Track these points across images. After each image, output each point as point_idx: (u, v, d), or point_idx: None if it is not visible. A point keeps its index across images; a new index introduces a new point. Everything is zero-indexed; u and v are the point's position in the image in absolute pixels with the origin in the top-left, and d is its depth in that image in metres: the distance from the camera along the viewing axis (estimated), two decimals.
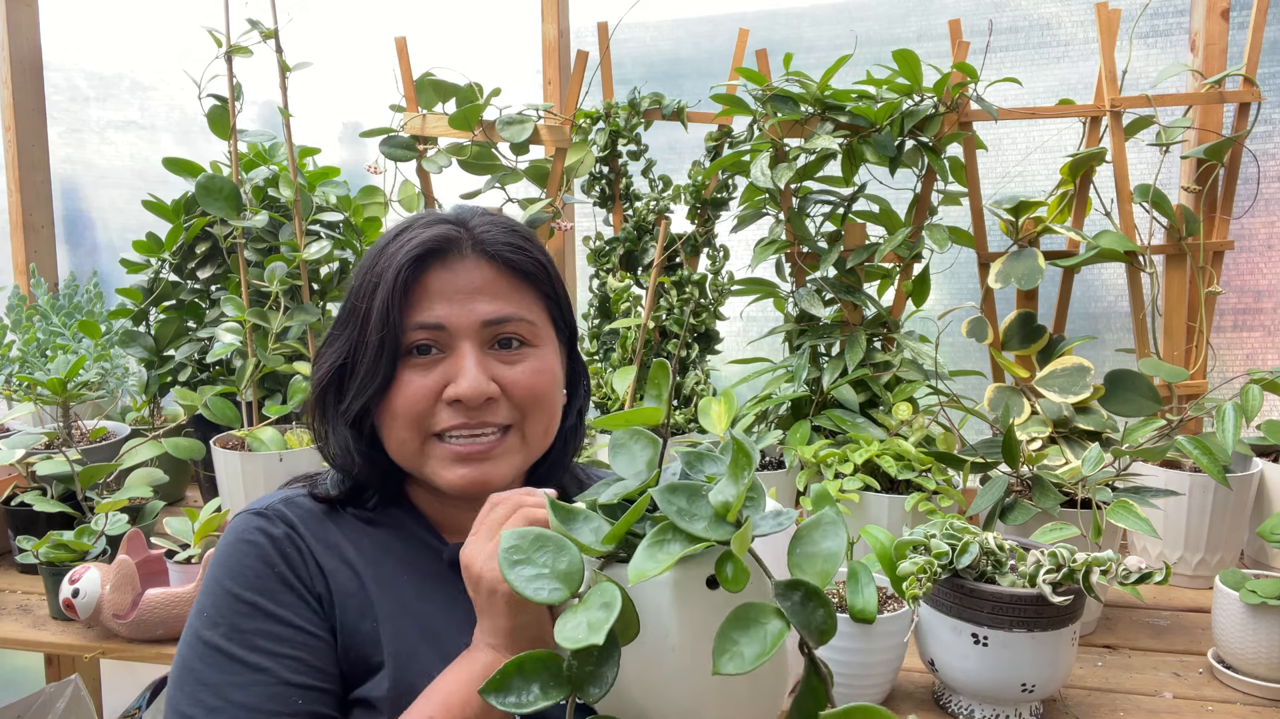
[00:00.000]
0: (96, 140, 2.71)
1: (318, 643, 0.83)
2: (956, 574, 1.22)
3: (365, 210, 2.15)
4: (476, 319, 0.87)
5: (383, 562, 0.89)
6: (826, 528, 0.63)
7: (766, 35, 2.15)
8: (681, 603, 0.63)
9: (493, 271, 0.89)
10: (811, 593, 0.60)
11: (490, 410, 0.87)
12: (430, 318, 0.86)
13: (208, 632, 0.82)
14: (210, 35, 1.84)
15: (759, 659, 0.57)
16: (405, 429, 0.87)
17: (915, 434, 1.65)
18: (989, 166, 2.10)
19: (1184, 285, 1.81)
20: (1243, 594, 1.30)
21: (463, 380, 0.85)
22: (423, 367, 0.87)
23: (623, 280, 1.99)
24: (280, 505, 0.90)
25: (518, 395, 0.88)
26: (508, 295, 0.89)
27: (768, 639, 0.58)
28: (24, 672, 2.50)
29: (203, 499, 2.12)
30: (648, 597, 0.63)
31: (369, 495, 0.93)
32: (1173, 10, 2.01)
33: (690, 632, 0.63)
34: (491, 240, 0.89)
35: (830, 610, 0.60)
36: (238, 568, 0.85)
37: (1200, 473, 1.58)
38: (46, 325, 2.08)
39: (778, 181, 1.77)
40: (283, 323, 1.86)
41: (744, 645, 0.58)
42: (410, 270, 0.86)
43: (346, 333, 0.89)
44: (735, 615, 0.59)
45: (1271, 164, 2.01)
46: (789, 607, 0.60)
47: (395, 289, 0.85)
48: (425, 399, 0.86)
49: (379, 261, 0.88)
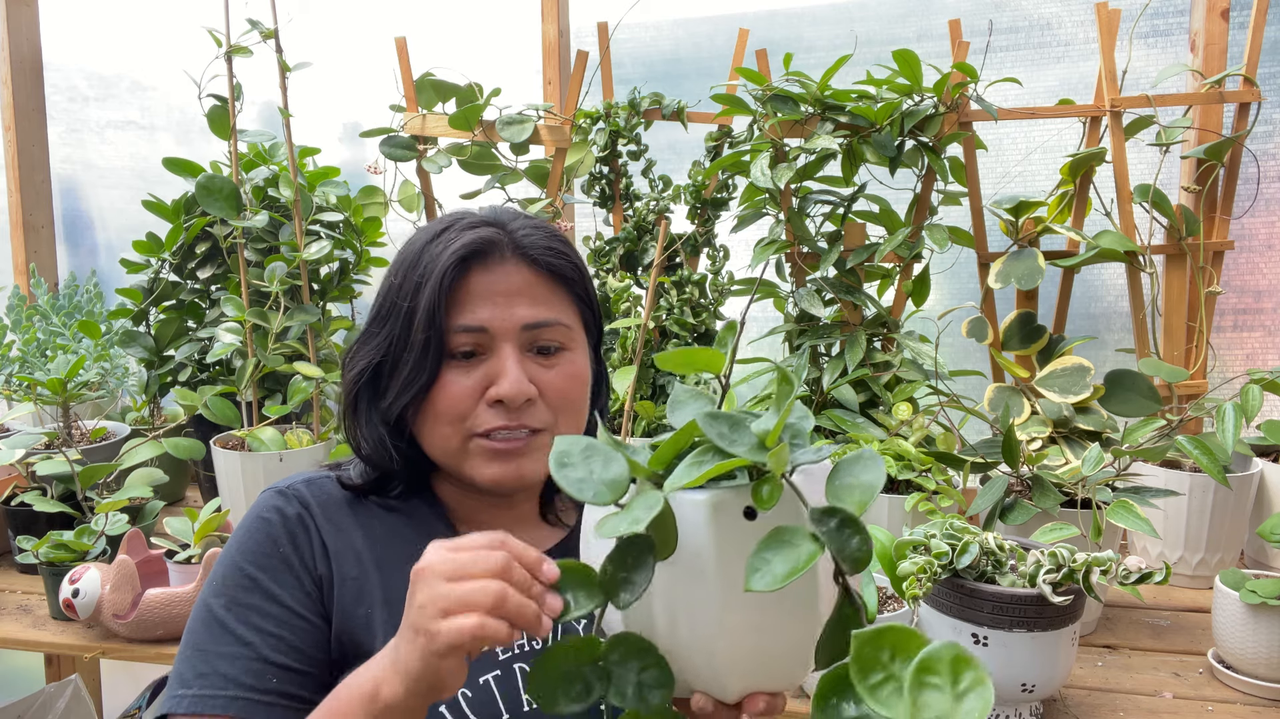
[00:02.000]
0: (96, 140, 2.71)
1: (306, 626, 0.86)
2: (956, 574, 1.22)
3: (365, 210, 2.15)
4: (517, 322, 0.89)
5: (393, 548, 0.91)
6: (866, 462, 0.63)
7: (766, 35, 2.15)
8: (718, 528, 0.63)
9: (532, 275, 0.90)
10: (848, 520, 0.60)
11: (529, 412, 0.89)
12: (473, 320, 0.88)
13: (212, 599, 0.86)
14: (210, 35, 1.84)
15: (789, 577, 0.57)
16: (448, 427, 0.89)
17: (915, 434, 1.65)
18: (989, 166, 2.10)
19: (1184, 285, 1.81)
20: (1243, 594, 1.30)
21: (505, 382, 0.87)
22: (464, 367, 0.88)
23: (623, 280, 1.99)
24: (301, 485, 0.93)
25: (553, 398, 0.90)
26: (546, 299, 0.91)
27: (800, 559, 0.58)
28: (24, 672, 2.51)
29: (203, 499, 2.12)
30: (687, 518, 0.64)
31: (394, 485, 0.95)
32: (1173, 10, 2.01)
33: (724, 558, 0.63)
34: (533, 244, 0.91)
35: (866, 538, 0.60)
36: (248, 542, 0.89)
37: (1200, 473, 1.58)
38: (46, 325, 2.08)
39: (778, 181, 1.77)
40: (283, 323, 1.86)
41: (775, 564, 0.58)
42: (455, 272, 0.87)
43: (386, 330, 0.90)
44: (770, 537, 0.60)
45: (1271, 164, 2.01)
46: (825, 532, 0.60)
47: (441, 290, 0.86)
48: (468, 399, 0.88)
49: (420, 261, 0.89)
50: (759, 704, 0.67)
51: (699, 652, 0.65)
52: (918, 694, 0.48)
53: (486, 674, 0.87)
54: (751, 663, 0.66)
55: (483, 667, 0.88)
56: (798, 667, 0.68)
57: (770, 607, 0.64)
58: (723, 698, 0.68)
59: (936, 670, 0.48)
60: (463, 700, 0.85)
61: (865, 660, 0.51)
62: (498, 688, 0.87)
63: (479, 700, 0.85)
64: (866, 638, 0.52)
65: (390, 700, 0.69)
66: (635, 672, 0.65)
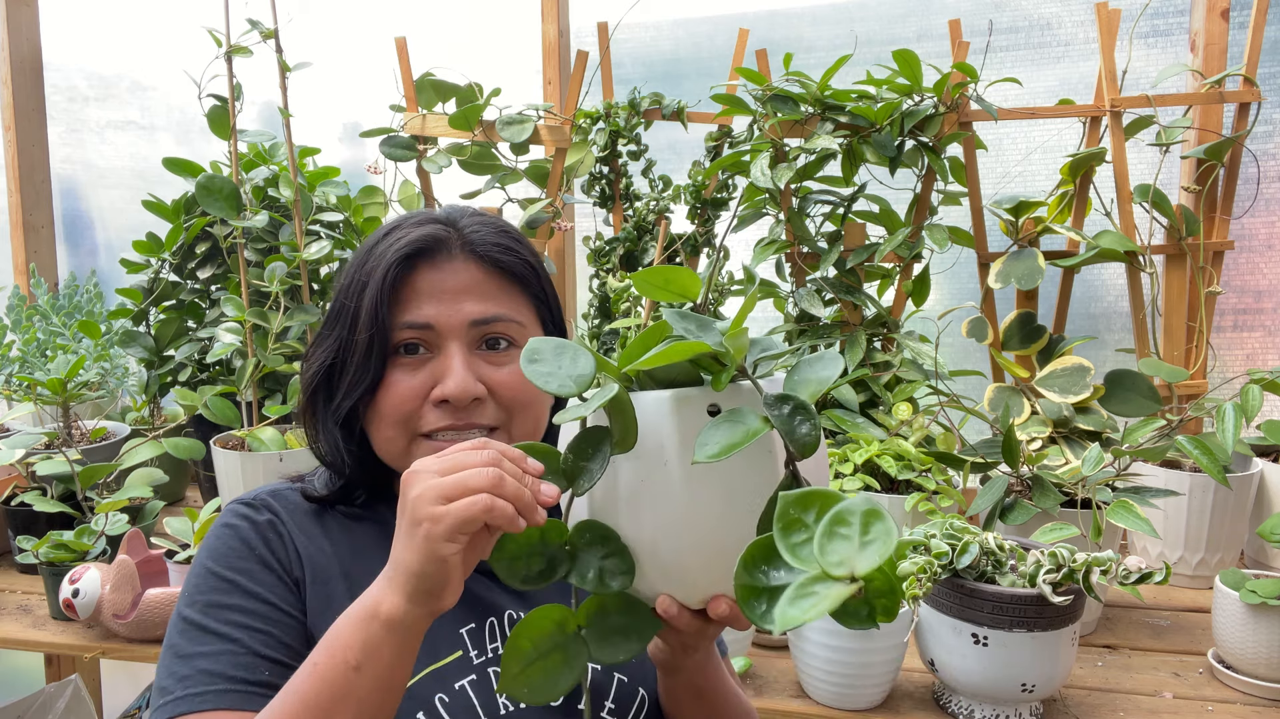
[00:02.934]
0: (96, 140, 2.71)
1: (291, 622, 0.84)
2: (956, 574, 1.22)
3: (365, 210, 2.15)
4: (464, 319, 0.87)
5: (362, 557, 0.89)
6: (827, 360, 0.65)
7: (766, 35, 2.15)
8: (680, 423, 0.64)
9: (481, 272, 0.89)
10: (800, 406, 0.62)
11: (477, 411, 0.87)
12: (419, 317, 0.86)
13: (187, 609, 0.84)
14: (210, 35, 1.84)
15: (731, 448, 0.58)
16: (392, 428, 0.87)
17: (915, 434, 1.65)
18: (989, 166, 2.10)
19: (1184, 285, 1.81)
20: (1243, 594, 1.30)
21: (450, 380, 0.85)
22: (410, 366, 0.87)
23: (623, 280, 1.99)
24: (267, 496, 0.92)
25: (504, 396, 0.88)
26: (496, 296, 0.89)
27: (746, 433, 0.59)
28: (24, 672, 2.50)
29: (203, 499, 2.12)
30: (649, 412, 0.65)
31: (357, 494, 0.94)
32: (1173, 10, 2.01)
33: (687, 453, 0.64)
34: (480, 241, 0.89)
35: (816, 425, 0.61)
36: (219, 549, 0.87)
37: (1200, 473, 1.58)
38: (46, 325, 2.08)
39: (778, 181, 1.77)
40: (283, 323, 1.86)
41: (719, 436, 0.60)
42: (399, 269, 0.86)
43: (335, 332, 0.89)
44: (722, 417, 0.61)
45: (1271, 164, 2.01)
46: (776, 415, 0.62)
47: (384, 288, 0.85)
48: (412, 399, 0.86)
49: (368, 261, 0.88)
50: (722, 605, 0.67)
51: (664, 551, 0.67)
52: (826, 543, 0.50)
53: (463, 679, 0.85)
54: (714, 564, 0.66)
55: (459, 672, 0.86)
56: None
57: (732, 505, 0.65)
58: (687, 602, 0.69)
59: (848, 522, 0.50)
60: (440, 705, 0.83)
61: (789, 521, 0.53)
62: (474, 693, 0.85)
63: (456, 705, 0.84)
64: (792, 499, 0.54)
65: (391, 614, 0.68)
66: (598, 557, 0.68)
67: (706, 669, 0.86)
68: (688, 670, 0.84)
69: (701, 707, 0.88)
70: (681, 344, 0.61)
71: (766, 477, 0.65)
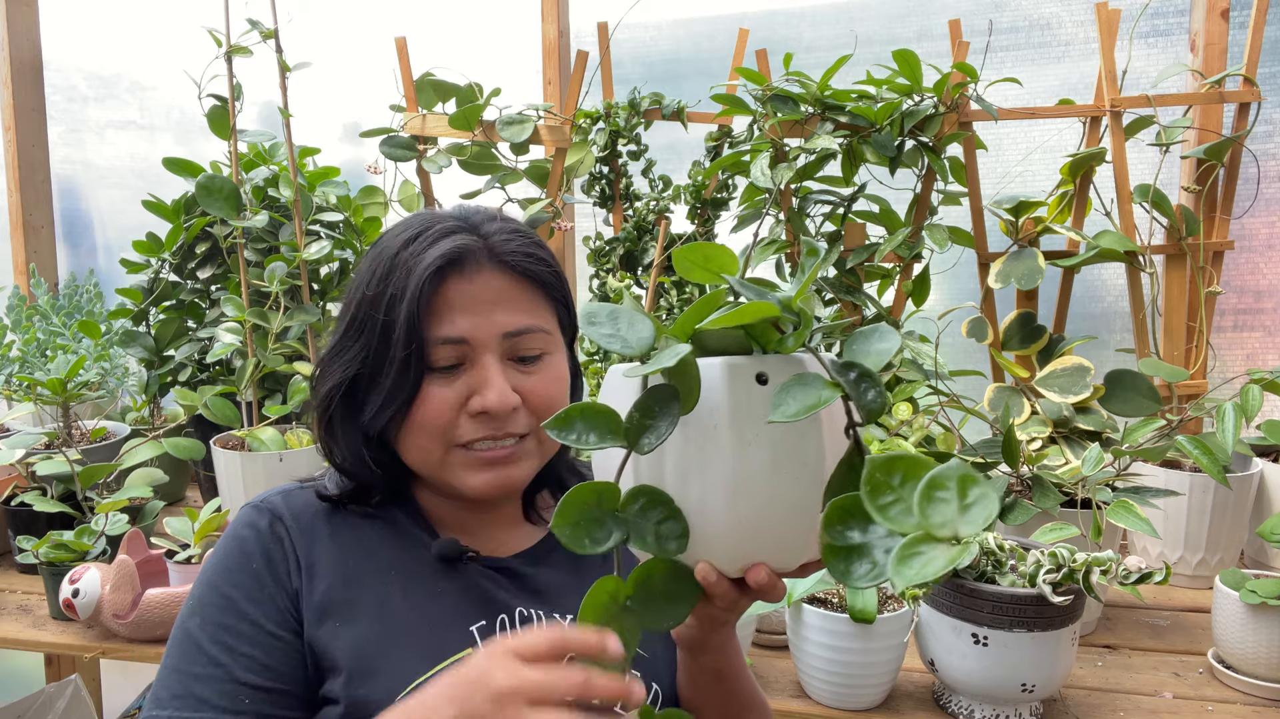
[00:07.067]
0: (96, 140, 2.71)
1: (279, 644, 0.85)
2: (956, 574, 1.22)
3: (365, 210, 2.15)
4: (498, 331, 0.87)
5: (372, 558, 0.90)
6: (883, 333, 0.66)
7: (766, 35, 2.15)
8: (732, 389, 0.65)
9: (510, 282, 0.89)
10: (866, 373, 0.63)
11: (512, 420, 0.88)
12: (453, 332, 0.86)
13: (188, 619, 0.86)
14: (210, 35, 1.84)
15: (808, 409, 0.59)
16: (429, 439, 0.87)
17: (915, 434, 1.65)
18: (989, 166, 2.10)
19: (1184, 285, 1.81)
20: (1243, 594, 1.30)
21: (489, 393, 0.85)
22: (445, 379, 0.87)
23: (623, 280, 1.99)
24: (277, 498, 0.92)
25: (536, 404, 0.89)
26: (526, 306, 0.90)
27: (820, 397, 0.60)
28: (24, 672, 2.51)
29: (203, 499, 2.12)
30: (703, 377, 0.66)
31: (374, 496, 0.94)
32: (1173, 10, 2.01)
33: (737, 419, 0.65)
34: (509, 252, 0.89)
35: (882, 391, 0.63)
36: (224, 561, 0.89)
37: (1200, 473, 1.58)
38: (46, 325, 2.08)
39: (778, 181, 1.77)
40: (283, 323, 1.86)
41: (793, 399, 0.60)
42: (432, 283, 0.85)
43: (361, 343, 0.88)
44: (792, 380, 0.62)
45: (1271, 164, 2.01)
46: (845, 381, 0.63)
47: (419, 303, 0.85)
48: (449, 411, 0.86)
49: (392, 271, 0.87)
50: (761, 573, 0.68)
51: (708, 516, 0.67)
52: (926, 506, 0.51)
53: None
54: (757, 531, 0.67)
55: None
56: (801, 546, 0.69)
57: (778, 472, 0.66)
58: (727, 570, 0.69)
59: (945, 486, 0.52)
60: None
61: (876, 484, 0.55)
62: None
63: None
64: (879, 463, 0.55)
65: None
66: (655, 521, 0.67)
67: (728, 650, 0.88)
68: (711, 650, 0.85)
69: (720, 689, 0.90)
70: (753, 304, 0.62)
71: (813, 445, 0.66)
